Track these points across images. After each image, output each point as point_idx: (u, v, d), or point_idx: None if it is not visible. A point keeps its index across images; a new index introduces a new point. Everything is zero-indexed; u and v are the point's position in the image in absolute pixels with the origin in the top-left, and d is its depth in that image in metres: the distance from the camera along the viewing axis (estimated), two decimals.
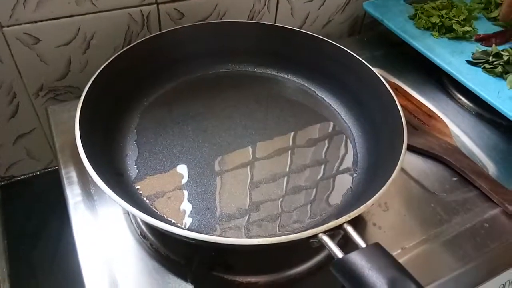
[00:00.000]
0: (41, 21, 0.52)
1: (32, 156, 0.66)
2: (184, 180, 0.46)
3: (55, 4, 0.52)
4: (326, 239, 0.33)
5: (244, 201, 0.45)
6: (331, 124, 0.55)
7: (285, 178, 0.48)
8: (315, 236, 0.33)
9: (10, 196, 0.66)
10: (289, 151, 0.51)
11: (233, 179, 0.47)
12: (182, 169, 0.47)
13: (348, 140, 0.52)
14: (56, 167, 0.68)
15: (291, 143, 0.52)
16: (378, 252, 0.31)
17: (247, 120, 0.54)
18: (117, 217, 0.45)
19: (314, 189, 0.47)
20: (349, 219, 0.34)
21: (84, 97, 0.43)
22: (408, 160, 0.53)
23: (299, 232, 0.33)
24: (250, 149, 0.50)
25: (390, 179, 0.38)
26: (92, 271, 0.41)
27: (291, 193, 0.46)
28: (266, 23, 0.58)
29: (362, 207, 0.35)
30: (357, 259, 0.30)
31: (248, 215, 0.44)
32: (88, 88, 0.44)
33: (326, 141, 0.52)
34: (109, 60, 0.48)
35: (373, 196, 0.36)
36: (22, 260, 0.62)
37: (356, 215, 0.35)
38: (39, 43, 0.54)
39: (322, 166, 0.49)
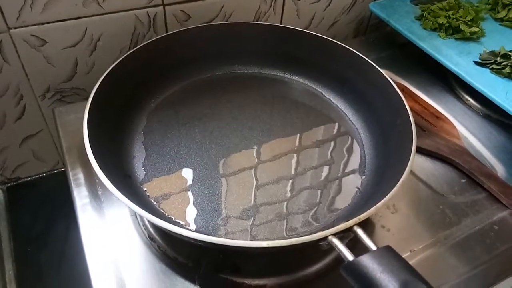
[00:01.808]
0: (48, 23, 0.52)
1: (38, 157, 0.66)
2: (191, 182, 0.46)
3: (62, 6, 0.52)
4: (336, 241, 0.33)
5: (251, 203, 0.45)
6: (339, 125, 0.54)
7: (292, 180, 0.47)
8: (325, 238, 0.33)
9: (16, 198, 0.66)
10: (296, 153, 0.50)
11: (240, 181, 0.47)
12: (189, 171, 0.47)
13: (356, 141, 0.52)
14: (62, 169, 0.68)
15: (297, 145, 0.52)
16: (390, 254, 0.30)
17: (253, 121, 0.54)
18: (125, 219, 0.45)
19: (322, 191, 0.46)
20: (359, 221, 0.34)
21: (92, 99, 0.43)
22: (416, 162, 0.53)
23: (308, 235, 0.33)
24: (256, 150, 0.50)
25: (400, 182, 0.38)
26: (99, 273, 0.41)
27: (299, 194, 0.46)
28: (272, 24, 0.58)
29: (372, 209, 0.35)
30: (369, 262, 0.29)
31: (255, 217, 0.43)
32: (96, 90, 0.44)
33: (333, 143, 0.52)
34: (116, 62, 0.48)
35: (383, 198, 0.36)
36: (28, 261, 0.62)
37: (366, 217, 0.34)
38: (46, 45, 0.54)
39: (330, 168, 0.49)
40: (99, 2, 0.53)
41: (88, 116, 0.42)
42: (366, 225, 0.46)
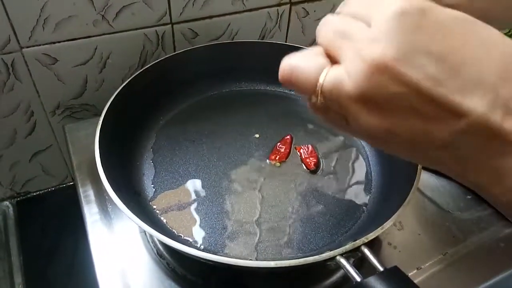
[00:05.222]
0: (59, 42, 0.54)
1: (48, 172, 0.67)
2: (200, 199, 0.47)
3: (73, 26, 0.53)
4: (343, 261, 0.33)
5: (259, 220, 0.45)
6: (345, 142, 0.55)
7: (299, 197, 0.48)
8: (332, 258, 0.33)
9: (26, 212, 0.67)
10: (303, 170, 0.51)
11: (247, 197, 0.47)
12: (198, 188, 0.48)
13: (362, 158, 0.53)
14: (71, 183, 0.69)
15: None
16: (397, 276, 0.31)
17: (260, 137, 0.54)
18: (134, 235, 0.46)
19: (329, 208, 0.47)
20: (366, 241, 0.34)
21: (103, 119, 0.44)
22: (422, 178, 0.52)
23: (317, 254, 0.33)
24: (263, 166, 0.51)
25: (407, 200, 0.38)
26: None
27: (307, 212, 0.46)
28: (278, 42, 0.59)
29: (379, 228, 0.35)
30: (376, 284, 0.30)
31: (263, 235, 0.44)
32: (106, 110, 0.45)
33: (340, 160, 0.53)
34: (125, 82, 0.49)
35: (390, 217, 0.37)
36: (37, 275, 0.62)
37: (373, 237, 0.35)
38: (57, 63, 0.55)
39: (336, 185, 0.49)
40: (109, 22, 0.55)
41: (99, 135, 0.42)
42: (373, 242, 0.46)
